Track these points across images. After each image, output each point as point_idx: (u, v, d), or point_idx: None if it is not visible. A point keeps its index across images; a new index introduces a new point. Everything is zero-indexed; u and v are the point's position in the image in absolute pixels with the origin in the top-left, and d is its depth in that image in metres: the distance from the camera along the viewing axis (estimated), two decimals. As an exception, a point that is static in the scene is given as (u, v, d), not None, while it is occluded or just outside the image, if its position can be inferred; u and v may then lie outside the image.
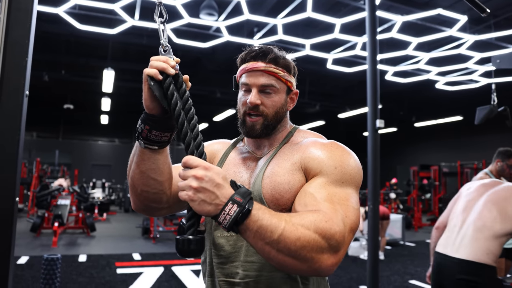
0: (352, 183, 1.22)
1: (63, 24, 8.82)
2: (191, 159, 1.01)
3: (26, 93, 1.16)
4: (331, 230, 1.03)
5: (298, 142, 1.38)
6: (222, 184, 0.99)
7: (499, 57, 3.39)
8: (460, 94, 13.29)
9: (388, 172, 20.91)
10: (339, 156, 1.25)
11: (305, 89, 14.38)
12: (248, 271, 1.26)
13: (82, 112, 20.85)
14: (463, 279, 2.47)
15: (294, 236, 0.99)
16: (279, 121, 1.40)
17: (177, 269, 6.75)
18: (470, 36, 8.61)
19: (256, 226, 0.99)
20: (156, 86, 1.09)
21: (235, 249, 1.30)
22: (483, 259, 2.45)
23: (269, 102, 1.35)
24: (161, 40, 1.15)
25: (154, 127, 1.14)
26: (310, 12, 7.37)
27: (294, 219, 1.03)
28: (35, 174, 14.26)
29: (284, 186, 1.25)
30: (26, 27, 1.17)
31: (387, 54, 9.77)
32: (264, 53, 1.35)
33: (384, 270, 7.20)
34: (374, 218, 4.84)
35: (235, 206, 0.97)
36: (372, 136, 4.65)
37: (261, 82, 1.33)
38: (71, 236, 10.36)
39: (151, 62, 1.11)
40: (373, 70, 4.63)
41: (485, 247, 2.47)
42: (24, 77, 1.15)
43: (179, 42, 8.96)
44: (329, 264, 1.03)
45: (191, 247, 0.99)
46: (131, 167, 1.26)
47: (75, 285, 5.74)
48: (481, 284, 2.41)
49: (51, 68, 13.14)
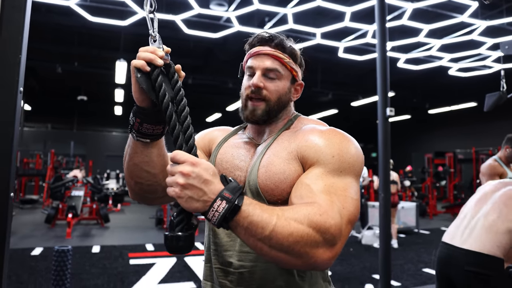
0: (351, 172, 1.18)
1: (75, 16, 8.86)
2: (179, 154, 0.99)
3: (20, 90, 1.16)
4: (326, 223, 1.00)
5: (297, 129, 1.35)
6: (211, 180, 0.97)
7: (507, 43, 3.33)
8: (474, 80, 13.12)
9: (403, 160, 20.77)
10: (337, 144, 1.20)
11: (317, 78, 14.31)
12: (243, 261, 1.25)
13: (95, 103, 21.00)
14: (472, 271, 2.41)
15: (287, 231, 0.97)
16: (282, 109, 1.37)
17: (190, 260, 6.79)
18: (482, 22, 8.47)
19: (246, 222, 0.97)
20: (143, 78, 1.06)
21: (231, 238, 1.29)
22: (493, 251, 2.39)
23: (272, 87, 1.33)
24: (149, 30, 1.12)
25: (145, 120, 1.12)
26: (320, 1, 7.31)
27: (287, 213, 1.00)
28: (50, 165, 14.40)
29: (279, 176, 1.21)
30: (20, 24, 1.17)
31: (398, 42, 9.66)
32: (272, 38, 1.34)
33: (398, 259, 7.17)
34: (385, 207, 4.80)
35: (224, 202, 0.95)
36: (383, 124, 4.59)
37: (266, 65, 1.32)
38: (85, 227, 10.46)
39: (138, 53, 1.09)
40: (383, 58, 4.57)
41: (496, 240, 2.41)
42: (17, 73, 1.15)
43: (190, 33, 8.96)
44: (325, 259, 1.00)
45: (179, 243, 0.98)
46: (126, 159, 1.24)
47: (88, 275, 5.81)
48: (492, 277, 2.35)
49: (64, 60, 13.25)
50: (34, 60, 13.90)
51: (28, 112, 21.82)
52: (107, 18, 8.36)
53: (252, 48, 1.38)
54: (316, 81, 14.44)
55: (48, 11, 9.81)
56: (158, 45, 1.12)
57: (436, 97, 18.29)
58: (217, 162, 1.38)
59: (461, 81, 13.59)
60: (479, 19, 8.47)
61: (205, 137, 1.52)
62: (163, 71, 1.10)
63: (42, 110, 23.11)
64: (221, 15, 8.95)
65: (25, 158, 17.69)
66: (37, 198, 15.78)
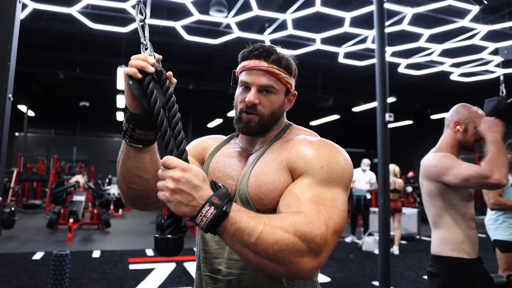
0: (339, 183, 1.19)
1: (77, 24, 8.91)
2: (170, 159, 1.01)
3: (9, 96, 1.18)
4: (311, 233, 1.01)
5: (289, 139, 1.36)
6: (200, 186, 0.99)
7: (506, 48, 3.33)
8: (476, 85, 13.09)
9: (405, 166, 20.73)
10: (326, 155, 1.22)
11: (317, 84, 14.32)
12: (231, 269, 1.26)
13: (98, 109, 21.09)
14: (428, 271, 2.53)
15: (272, 239, 0.98)
16: (275, 122, 1.39)
17: (189, 265, 6.78)
18: (484, 26, 8.48)
19: (233, 229, 0.98)
20: (134, 85, 1.09)
21: (220, 246, 1.30)
22: (436, 250, 2.45)
23: (267, 102, 1.34)
24: (141, 38, 1.14)
25: (137, 126, 1.14)
26: (319, 6, 7.34)
27: (273, 221, 1.02)
28: (53, 170, 14.44)
29: (269, 186, 1.23)
30: (8, 33, 1.19)
31: (399, 47, 9.67)
32: (268, 52, 1.34)
33: (398, 266, 7.14)
34: (385, 213, 4.79)
35: (212, 208, 0.97)
36: (382, 130, 4.59)
37: (261, 82, 1.32)
38: (87, 232, 10.48)
39: (130, 61, 1.11)
40: (382, 63, 4.59)
41: (435, 239, 2.47)
42: (6, 80, 1.17)
43: (190, 39, 9.00)
44: (309, 268, 1.01)
45: (169, 246, 1.00)
46: (119, 164, 1.26)
47: (87, 280, 5.82)
48: (438, 276, 2.41)
49: (67, 67, 13.33)
50: (37, 66, 13.99)
51: (32, 118, 21.93)
52: (108, 25, 8.41)
53: (246, 60, 1.38)
54: (317, 86, 14.46)
55: (50, 18, 9.90)
56: (150, 52, 1.15)
57: (438, 102, 18.20)
58: (210, 171, 1.40)
59: (463, 86, 13.56)
60: (480, 23, 8.48)
61: (199, 145, 1.53)
62: (154, 78, 1.12)
63: (45, 116, 23.23)
64: (221, 21, 9.00)
65: (29, 164, 17.73)
66: (40, 203, 15.81)
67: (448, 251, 2.38)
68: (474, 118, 2.46)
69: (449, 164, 2.33)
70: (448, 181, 2.32)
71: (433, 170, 2.39)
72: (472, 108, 2.51)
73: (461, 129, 2.47)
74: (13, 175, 14.07)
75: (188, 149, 1.46)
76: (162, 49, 8.56)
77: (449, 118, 2.55)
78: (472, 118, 2.47)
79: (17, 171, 14.31)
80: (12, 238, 8.91)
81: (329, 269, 6.78)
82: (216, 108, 20.13)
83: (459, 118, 2.49)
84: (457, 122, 2.49)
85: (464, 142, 2.48)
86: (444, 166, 2.33)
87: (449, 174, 2.31)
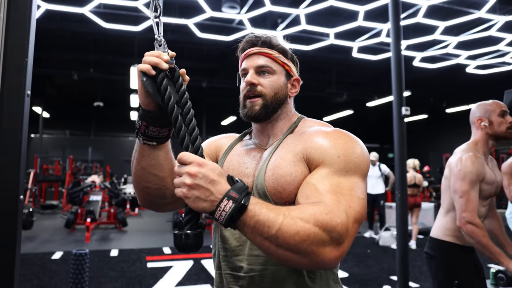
0: (357, 172, 1.17)
1: (89, 24, 8.97)
2: (185, 155, 1.00)
3: (27, 93, 1.17)
4: (332, 222, 1.00)
5: (303, 132, 1.35)
6: (217, 180, 0.98)
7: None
8: (492, 78, 12.93)
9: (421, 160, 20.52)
10: (342, 144, 1.20)
11: (332, 79, 14.25)
12: (253, 265, 1.25)
13: (112, 109, 21.24)
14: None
15: (293, 230, 0.97)
16: (279, 104, 1.38)
17: (207, 262, 6.79)
18: (501, 17, 8.35)
19: (253, 222, 0.97)
20: (148, 82, 1.09)
21: (240, 243, 1.29)
22: (435, 234, 2.61)
23: (266, 82, 1.35)
24: (155, 35, 1.14)
25: (151, 123, 1.14)
26: (333, 0, 7.28)
27: (293, 212, 1.01)
28: (69, 171, 14.56)
29: (286, 179, 1.22)
30: (26, 29, 1.18)
31: (414, 40, 9.57)
32: (257, 37, 1.40)
33: (416, 260, 7.09)
34: (402, 207, 4.75)
35: (231, 202, 0.96)
36: (398, 124, 4.56)
37: (257, 63, 1.36)
38: (104, 231, 10.55)
39: (144, 58, 1.11)
40: (398, 56, 4.54)
41: (439, 223, 2.61)
42: (24, 77, 1.16)
43: (203, 36, 9.00)
44: (332, 257, 1.00)
45: (188, 241, 0.99)
46: (133, 163, 1.26)
47: (106, 279, 5.85)
48: (435, 258, 2.57)
49: (80, 67, 13.42)
50: (51, 68, 14.10)
51: (47, 119, 22.14)
52: (120, 24, 8.44)
53: (243, 52, 1.43)
54: (331, 81, 14.38)
55: (63, 19, 9.95)
56: (163, 49, 1.15)
57: (453, 96, 18.01)
58: (224, 170, 1.39)
59: (480, 78, 13.41)
60: (497, 14, 8.34)
61: (212, 144, 1.54)
62: (168, 75, 1.12)
63: (60, 117, 23.46)
64: (233, 18, 8.98)
65: (45, 165, 17.92)
66: (57, 204, 15.96)
67: (446, 236, 2.55)
68: (493, 108, 2.58)
69: (465, 176, 2.46)
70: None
71: (455, 169, 2.53)
72: (487, 102, 2.64)
73: (486, 123, 2.58)
74: (30, 176, 14.23)
75: None
76: (175, 47, 8.53)
77: (472, 119, 2.69)
78: (491, 110, 2.59)
79: (34, 172, 14.47)
80: (31, 239, 8.99)
81: (346, 264, 6.74)
82: (230, 105, 20.01)
83: (480, 115, 2.62)
84: (480, 119, 2.61)
85: (495, 133, 2.57)
86: (462, 175, 2.47)
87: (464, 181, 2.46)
